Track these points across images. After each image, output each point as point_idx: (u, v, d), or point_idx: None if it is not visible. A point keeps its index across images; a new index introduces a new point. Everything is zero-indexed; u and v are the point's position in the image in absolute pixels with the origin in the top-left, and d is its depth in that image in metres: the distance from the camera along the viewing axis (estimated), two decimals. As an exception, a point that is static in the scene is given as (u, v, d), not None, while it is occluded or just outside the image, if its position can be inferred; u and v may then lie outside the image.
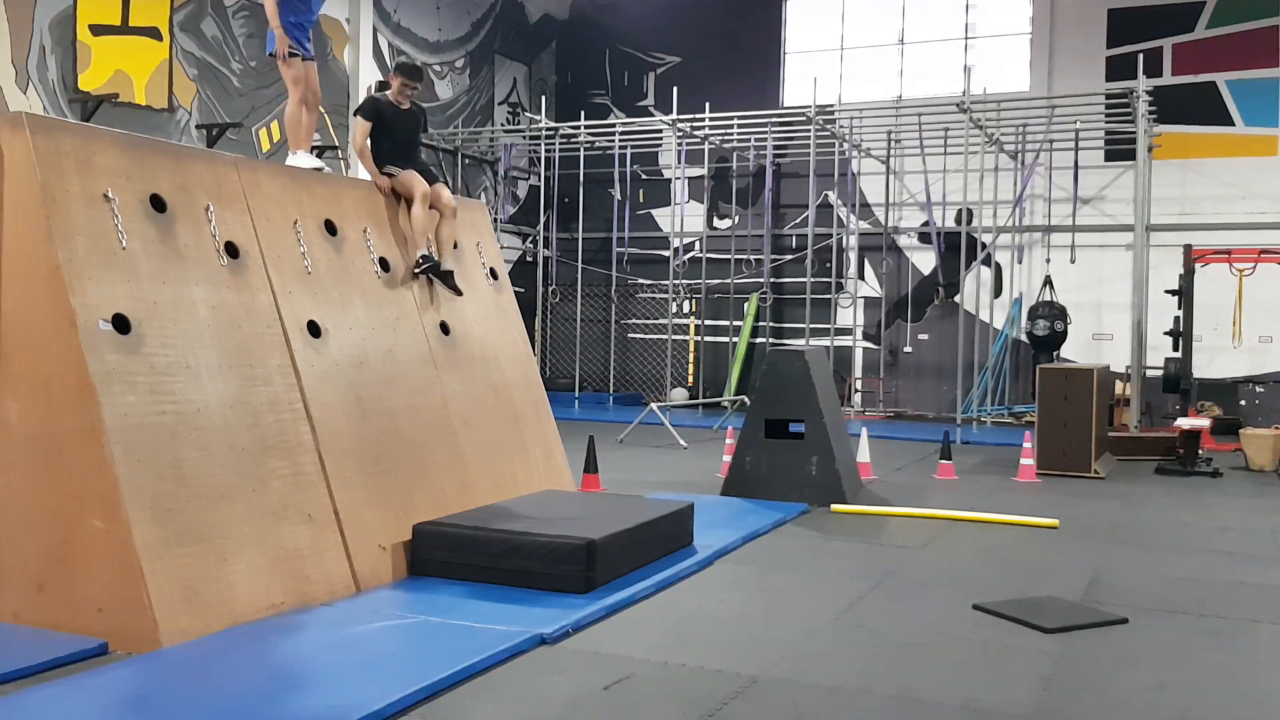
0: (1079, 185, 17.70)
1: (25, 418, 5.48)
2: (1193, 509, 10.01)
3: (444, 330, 7.96)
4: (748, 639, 5.68)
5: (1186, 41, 17.82)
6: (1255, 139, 17.46)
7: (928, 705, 4.77)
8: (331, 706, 4.45)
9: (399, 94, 7.92)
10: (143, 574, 5.17)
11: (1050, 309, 17.13)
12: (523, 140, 20.89)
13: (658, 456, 13.01)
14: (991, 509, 9.48)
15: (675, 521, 7.50)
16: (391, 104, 7.93)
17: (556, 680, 4.97)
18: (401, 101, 7.95)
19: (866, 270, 19.87)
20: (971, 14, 19.54)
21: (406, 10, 18.53)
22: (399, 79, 7.91)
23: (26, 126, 5.52)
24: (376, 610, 5.88)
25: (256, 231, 6.60)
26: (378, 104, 7.91)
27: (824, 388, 10.02)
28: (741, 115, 18.57)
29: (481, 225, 9.06)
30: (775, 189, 20.13)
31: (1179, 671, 5.29)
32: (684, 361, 20.84)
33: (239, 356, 6.15)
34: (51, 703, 4.47)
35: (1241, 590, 6.95)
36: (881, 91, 19.76)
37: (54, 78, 12.70)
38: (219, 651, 5.14)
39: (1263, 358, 17.15)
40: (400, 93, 7.92)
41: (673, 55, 21.56)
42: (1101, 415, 12.23)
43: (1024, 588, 6.83)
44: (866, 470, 11.13)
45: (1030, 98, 17.68)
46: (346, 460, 6.57)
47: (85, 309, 5.41)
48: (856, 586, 6.82)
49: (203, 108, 14.62)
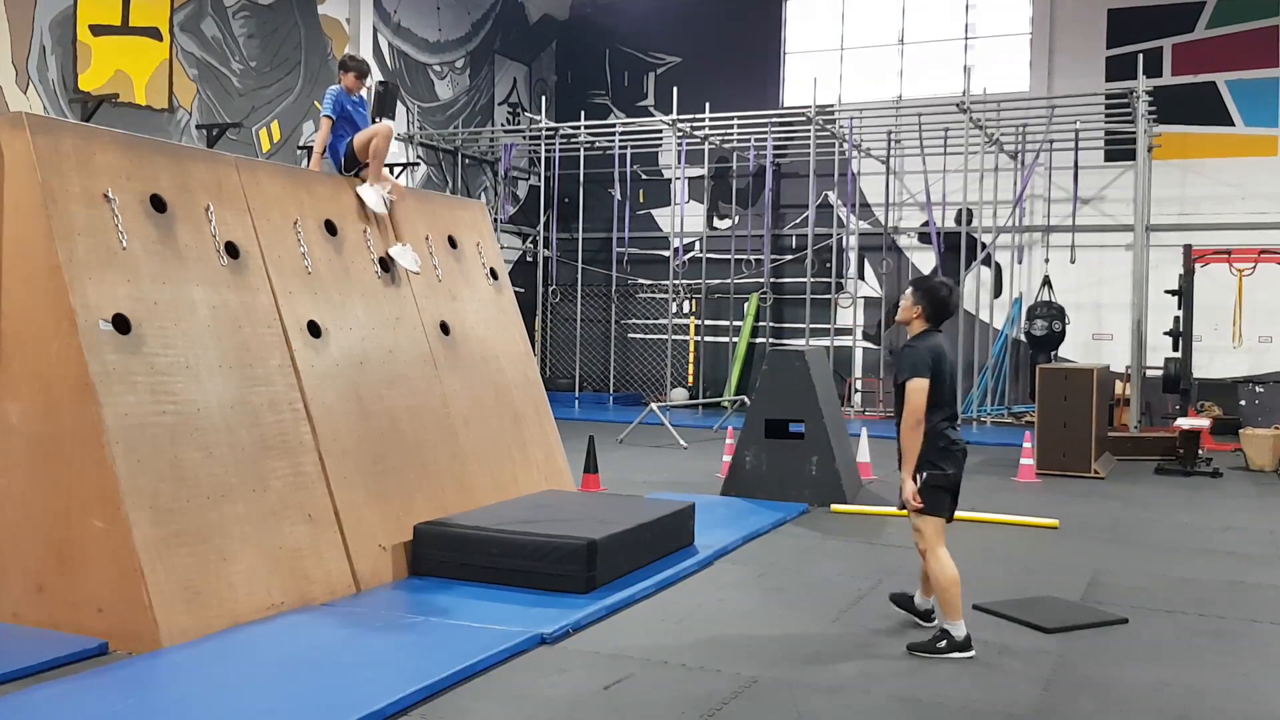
0: (1079, 185, 17.70)
1: (25, 418, 5.48)
2: (1193, 509, 10.01)
3: (444, 330, 7.96)
4: (748, 639, 5.68)
5: (1186, 41, 17.82)
6: (1255, 139, 17.46)
7: (928, 705, 4.77)
8: (331, 706, 4.45)
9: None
10: (143, 574, 5.17)
11: (1048, 309, 17.13)
12: (523, 140, 20.89)
13: (658, 456, 13.01)
14: (991, 509, 9.47)
15: (676, 521, 7.50)
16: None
17: (556, 680, 4.97)
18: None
19: (866, 270, 19.87)
20: (971, 14, 19.54)
21: (406, 10, 18.53)
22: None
23: (27, 126, 5.51)
24: (376, 610, 5.88)
25: (256, 231, 6.60)
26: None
27: (824, 388, 10.02)
28: (741, 115, 18.57)
29: (481, 225, 9.06)
30: (775, 189, 20.13)
31: (1179, 671, 5.29)
32: (684, 361, 20.84)
33: (239, 356, 6.15)
34: (51, 703, 4.47)
35: (1241, 590, 6.94)
36: (881, 91, 19.76)
37: (54, 78, 12.71)
38: (219, 651, 5.14)
39: (1262, 358, 17.15)
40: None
41: (673, 55, 21.56)
42: (1101, 415, 12.24)
43: (1024, 588, 6.83)
44: (866, 470, 11.13)
45: (1030, 98, 17.69)
46: (346, 460, 6.56)
47: (85, 309, 5.41)
48: (856, 586, 6.82)
49: (203, 108, 14.63)
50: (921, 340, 5.62)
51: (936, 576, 5.53)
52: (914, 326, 5.70)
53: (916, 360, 5.51)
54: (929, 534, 5.57)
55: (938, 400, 5.53)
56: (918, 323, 5.70)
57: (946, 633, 5.45)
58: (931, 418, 5.51)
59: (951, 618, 5.46)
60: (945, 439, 5.56)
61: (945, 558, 5.52)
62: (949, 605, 5.47)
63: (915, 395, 5.48)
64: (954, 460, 5.59)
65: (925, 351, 5.53)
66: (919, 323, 5.69)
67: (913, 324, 5.70)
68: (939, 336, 5.68)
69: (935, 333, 5.68)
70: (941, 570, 5.50)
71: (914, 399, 5.48)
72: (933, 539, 5.56)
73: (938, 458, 5.55)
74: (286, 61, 16.05)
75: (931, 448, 5.53)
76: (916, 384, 5.48)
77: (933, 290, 5.71)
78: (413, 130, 18.75)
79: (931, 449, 5.53)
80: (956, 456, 5.60)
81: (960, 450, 5.63)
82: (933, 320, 5.68)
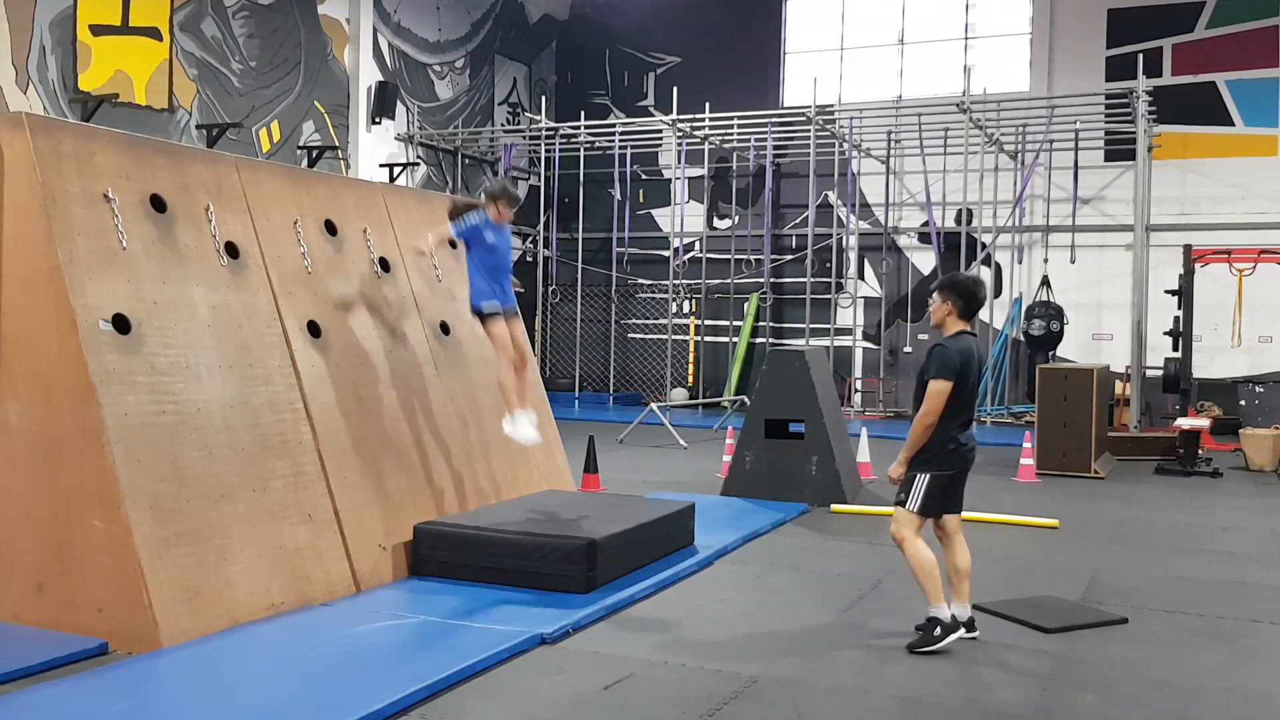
0: (1079, 185, 17.69)
1: (25, 418, 5.48)
2: (1193, 509, 10.01)
3: (444, 330, 7.96)
4: (748, 639, 5.68)
5: (1186, 41, 17.82)
6: (1255, 139, 17.46)
7: (928, 705, 4.77)
8: (331, 706, 4.45)
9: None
10: (143, 574, 5.17)
11: (1047, 309, 17.14)
12: (523, 140, 20.89)
13: (658, 456, 13.01)
14: (991, 509, 9.47)
15: (676, 521, 7.50)
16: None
17: (556, 680, 4.97)
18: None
19: (866, 270, 19.86)
20: (971, 14, 19.53)
21: (406, 10, 18.53)
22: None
23: (26, 126, 5.51)
24: (376, 610, 5.88)
25: (256, 231, 6.60)
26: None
27: (824, 388, 10.02)
28: (741, 115, 18.56)
29: (481, 225, 9.05)
30: (775, 189, 20.12)
31: (1179, 671, 5.29)
32: (684, 361, 20.83)
33: (239, 356, 6.15)
34: (51, 703, 4.47)
35: (1241, 590, 6.95)
36: (881, 91, 19.75)
37: (54, 78, 12.70)
38: (219, 651, 5.14)
39: (1262, 358, 17.15)
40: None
41: (673, 55, 21.55)
42: (1101, 415, 12.24)
43: (1024, 588, 6.83)
44: (866, 470, 11.13)
45: (1030, 98, 17.68)
46: (346, 460, 6.57)
47: (85, 309, 5.41)
48: (856, 586, 6.82)
49: (203, 108, 14.63)
50: (954, 341, 5.62)
51: (912, 564, 5.59)
52: (948, 326, 5.70)
53: (944, 361, 5.53)
54: (904, 521, 5.62)
55: (958, 404, 5.55)
56: (951, 321, 5.70)
57: (935, 619, 5.50)
58: (948, 423, 5.54)
59: (934, 601, 5.52)
60: (955, 441, 5.59)
61: (920, 544, 5.58)
62: (930, 590, 5.54)
63: (935, 397, 5.50)
64: (958, 460, 5.61)
65: (955, 354, 5.54)
66: (953, 321, 5.70)
67: (946, 324, 5.71)
68: (971, 340, 5.68)
69: (969, 334, 5.69)
70: (918, 556, 5.56)
71: (933, 400, 5.50)
72: (908, 527, 5.61)
73: (943, 460, 5.57)
74: (286, 61, 16.05)
75: (940, 450, 5.55)
76: (938, 385, 5.50)
77: (959, 284, 5.72)
78: (413, 130, 18.75)
79: (940, 450, 5.55)
80: (962, 456, 5.62)
81: (968, 450, 5.65)
82: (966, 315, 5.69)
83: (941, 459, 5.56)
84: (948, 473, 5.59)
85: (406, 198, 8.36)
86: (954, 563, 5.73)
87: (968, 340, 5.66)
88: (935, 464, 5.57)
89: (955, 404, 5.53)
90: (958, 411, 5.56)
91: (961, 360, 5.54)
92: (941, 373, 5.50)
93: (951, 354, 5.54)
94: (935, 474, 5.56)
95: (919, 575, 5.57)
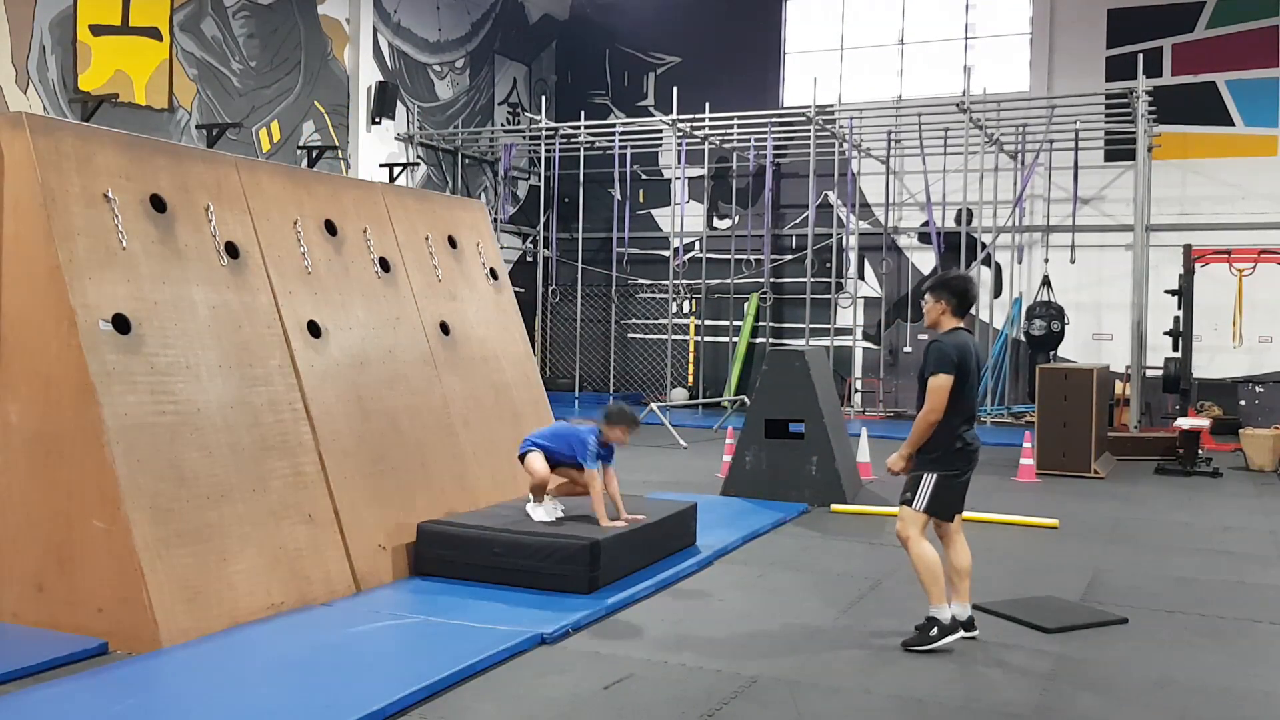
0: (1079, 185, 17.69)
1: (25, 418, 5.48)
2: (1193, 509, 10.01)
3: (444, 330, 7.96)
4: (748, 639, 5.68)
5: (1186, 41, 17.82)
6: (1255, 139, 17.46)
7: (928, 705, 4.77)
8: (331, 706, 4.45)
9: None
10: (143, 574, 5.17)
11: (1047, 309, 17.13)
12: (523, 140, 20.89)
13: (658, 456, 13.01)
14: (991, 509, 9.47)
15: (678, 522, 7.50)
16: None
17: (557, 680, 4.97)
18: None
19: (866, 270, 19.86)
20: (971, 14, 19.53)
21: (406, 10, 18.52)
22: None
23: (26, 126, 5.51)
24: (376, 610, 5.88)
25: (256, 231, 6.60)
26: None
27: (824, 388, 10.02)
28: (741, 115, 18.56)
29: (481, 225, 9.06)
30: (775, 189, 20.12)
31: (1179, 671, 5.29)
32: (684, 361, 20.83)
33: (239, 356, 6.15)
34: (51, 703, 4.47)
35: (1241, 590, 6.95)
36: (881, 91, 19.75)
37: (54, 78, 12.70)
38: (219, 651, 5.14)
39: (1262, 358, 17.15)
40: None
41: (673, 55, 21.56)
42: (1101, 415, 12.24)
43: (1024, 588, 6.83)
44: (866, 470, 11.13)
45: (1030, 98, 17.68)
46: (346, 460, 6.56)
47: (85, 309, 5.41)
48: (856, 586, 6.82)
49: (203, 108, 14.62)
50: (950, 337, 5.65)
51: (917, 563, 5.59)
52: (943, 324, 5.73)
53: (943, 357, 5.54)
54: (910, 520, 5.61)
55: (960, 400, 5.55)
56: (946, 319, 5.73)
57: (934, 619, 5.50)
58: (952, 420, 5.54)
59: (936, 602, 5.53)
60: (962, 440, 5.60)
61: (925, 543, 5.59)
62: (932, 590, 5.54)
63: (937, 392, 5.51)
64: (965, 459, 5.63)
65: (953, 348, 5.56)
66: (947, 319, 5.72)
67: (941, 323, 5.73)
68: (967, 336, 5.70)
69: (964, 330, 5.71)
70: (922, 556, 5.57)
71: (936, 396, 5.51)
72: (913, 526, 5.61)
73: (953, 459, 5.58)
74: (286, 61, 16.05)
75: (948, 449, 5.55)
76: (940, 380, 5.51)
77: (950, 282, 5.75)
78: (413, 130, 18.75)
79: (948, 450, 5.56)
80: (969, 456, 5.64)
81: (974, 449, 5.66)
82: (959, 312, 5.71)
83: (949, 458, 5.57)
84: (955, 473, 5.60)
85: (406, 198, 8.36)
86: (954, 562, 5.73)
87: (964, 336, 5.68)
88: (943, 463, 5.57)
89: (958, 400, 5.53)
90: (961, 408, 5.57)
91: (960, 354, 5.55)
92: (941, 367, 5.52)
93: (949, 349, 5.56)
94: (943, 474, 5.57)
95: (922, 575, 5.58)
